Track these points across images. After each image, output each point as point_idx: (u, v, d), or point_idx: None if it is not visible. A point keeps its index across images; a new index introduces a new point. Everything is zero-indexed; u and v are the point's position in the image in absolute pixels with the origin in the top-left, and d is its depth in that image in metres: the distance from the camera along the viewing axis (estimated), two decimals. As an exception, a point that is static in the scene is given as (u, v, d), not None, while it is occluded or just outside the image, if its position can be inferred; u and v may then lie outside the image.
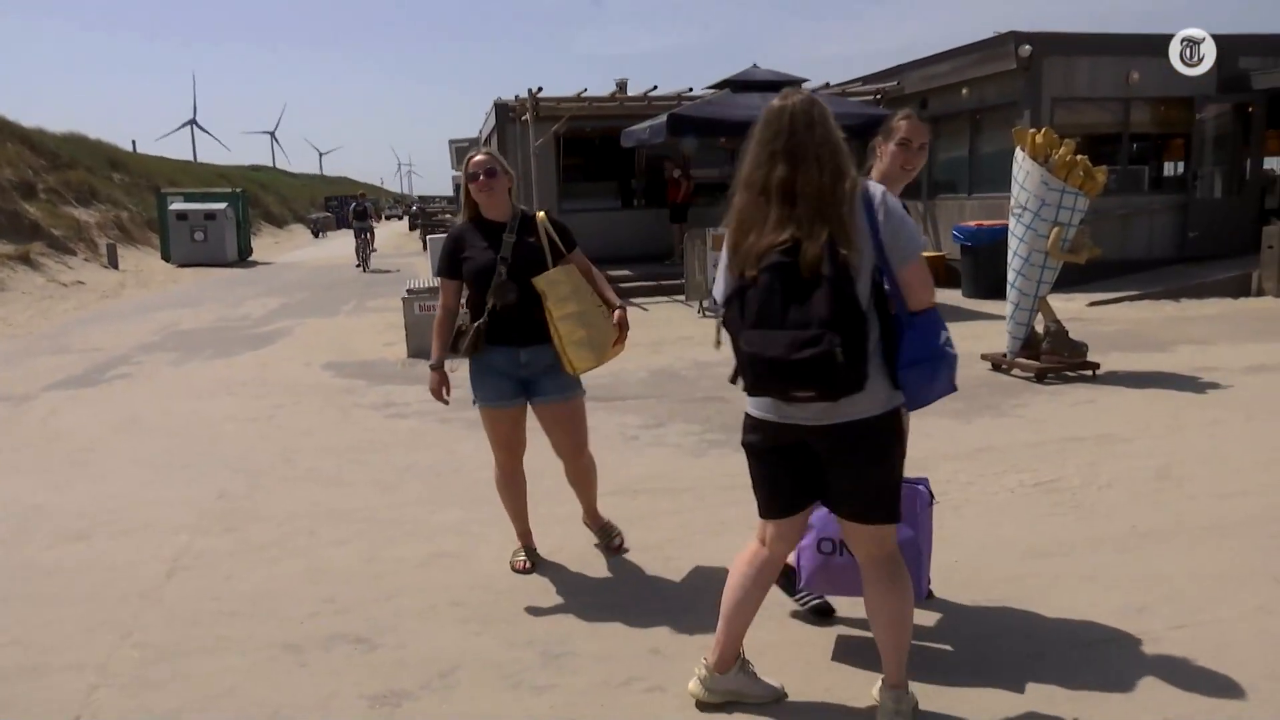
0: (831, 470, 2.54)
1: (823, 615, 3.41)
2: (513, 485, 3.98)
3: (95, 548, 4.45)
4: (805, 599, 3.42)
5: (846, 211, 2.36)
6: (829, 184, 2.36)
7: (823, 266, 2.27)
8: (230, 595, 3.85)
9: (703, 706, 2.83)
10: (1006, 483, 4.88)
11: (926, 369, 2.42)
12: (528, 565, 3.99)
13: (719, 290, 2.56)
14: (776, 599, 3.38)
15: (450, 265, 3.77)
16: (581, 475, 4.03)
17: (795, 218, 2.35)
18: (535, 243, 3.68)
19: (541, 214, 3.78)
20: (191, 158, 79.96)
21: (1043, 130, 7.48)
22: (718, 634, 2.81)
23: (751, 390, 2.46)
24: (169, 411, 7.48)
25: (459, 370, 3.81)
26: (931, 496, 3.20)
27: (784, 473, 2.62)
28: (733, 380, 2.51)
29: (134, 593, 3.89)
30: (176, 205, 26.58)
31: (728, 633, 2.79)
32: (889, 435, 2.49)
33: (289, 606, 3.71)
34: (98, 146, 36.74)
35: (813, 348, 2.22)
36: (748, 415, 2.66)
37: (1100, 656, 3.08)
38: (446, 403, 3.83)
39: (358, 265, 22.55)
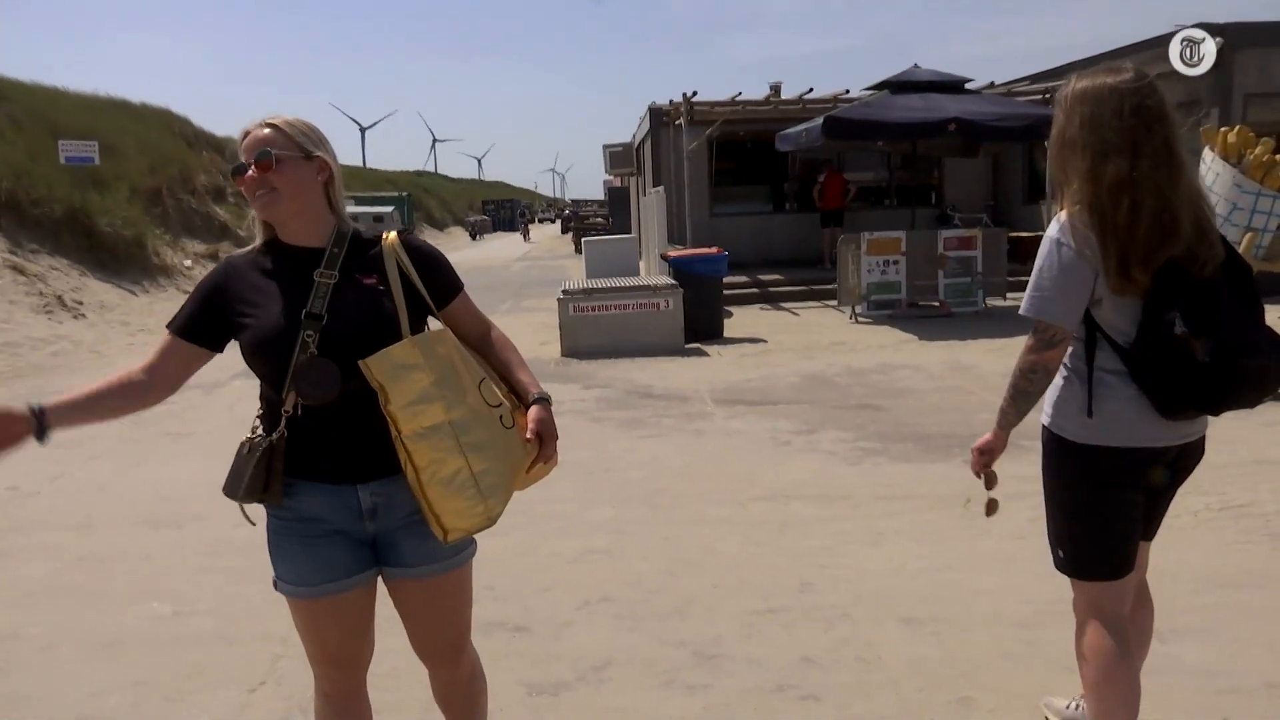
0: (1165, 492, 2.41)
1: None
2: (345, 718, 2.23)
3: (277, 527, 4.77)
4: None
5: None
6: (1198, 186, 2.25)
7: (1226, 273, 2.17)
8: (398, 579, 4.04)
9: None
10: (1191, 505, 4.55)
11: None
12: None
13: (1064, 312, 2.18)
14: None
15: (198, 317, 2.06)
16: (459, 693, 2.33)
17: (1202, 223, 2.17)
18: (375, 286, 2.07)
19: (391, 235, 2.17)
20: (361, 163, 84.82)
21: (1235, 128, 6.95)
22: None
23: (1222, 401, 2.13)
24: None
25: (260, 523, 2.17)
26: None
27: (1140, 512, 2.36)
28: (1090, 415, 2.22)
29: (311, 571, 4.14)
30: (348, 208, 28.18)
31: None
32: None
33: (451, 593, 3.87)
34: (279, 153, 39.49)
35: None
36: (1110, 451, 2.23)
37: (1299, 699, 2.84)
38: None
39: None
